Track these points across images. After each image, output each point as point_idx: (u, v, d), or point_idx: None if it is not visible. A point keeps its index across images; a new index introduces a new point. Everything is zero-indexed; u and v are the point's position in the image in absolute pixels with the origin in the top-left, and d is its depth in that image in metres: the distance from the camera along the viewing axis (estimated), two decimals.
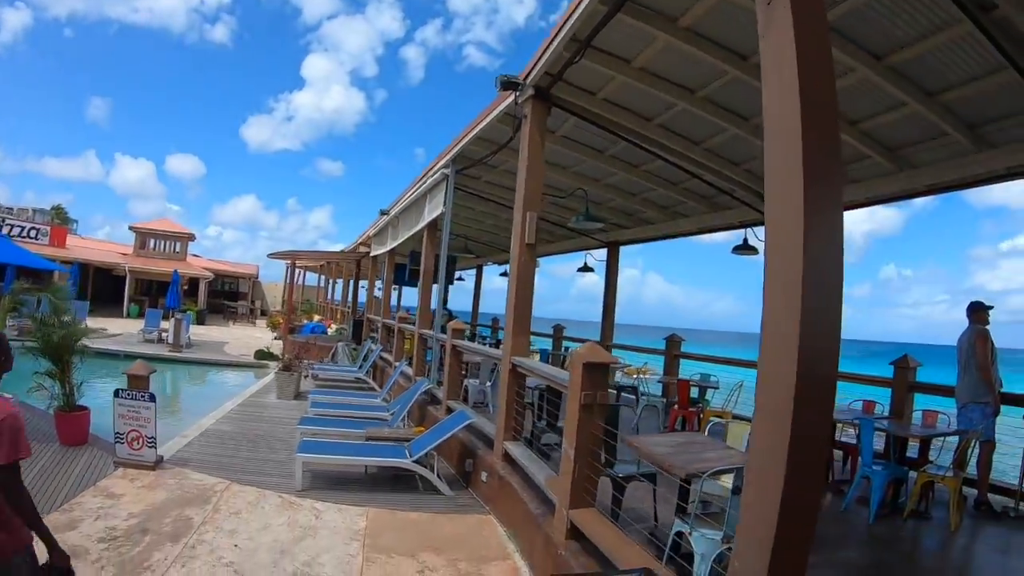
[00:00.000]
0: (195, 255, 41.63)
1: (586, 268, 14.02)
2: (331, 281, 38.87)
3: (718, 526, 3.47)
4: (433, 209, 10.43)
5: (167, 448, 7.56)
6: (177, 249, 35.91)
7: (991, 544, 5.75)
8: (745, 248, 8.95)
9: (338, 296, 36.79)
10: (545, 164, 9.76)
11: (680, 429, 8.44)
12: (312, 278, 40.56)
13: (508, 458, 6.28)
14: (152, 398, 6.90)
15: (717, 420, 6.30)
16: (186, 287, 37.06)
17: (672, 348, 11.16)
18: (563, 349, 15.63)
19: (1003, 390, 6.42)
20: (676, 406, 8.85)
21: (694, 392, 9.12)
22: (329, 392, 12.02)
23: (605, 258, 13.63)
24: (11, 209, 44.69)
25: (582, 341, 13.22)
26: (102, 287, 33.62)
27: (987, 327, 6.47)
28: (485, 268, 22.43)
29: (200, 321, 31.26)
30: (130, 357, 19.45)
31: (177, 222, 40.01)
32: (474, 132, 8.12)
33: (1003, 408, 6.31)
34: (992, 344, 6.35)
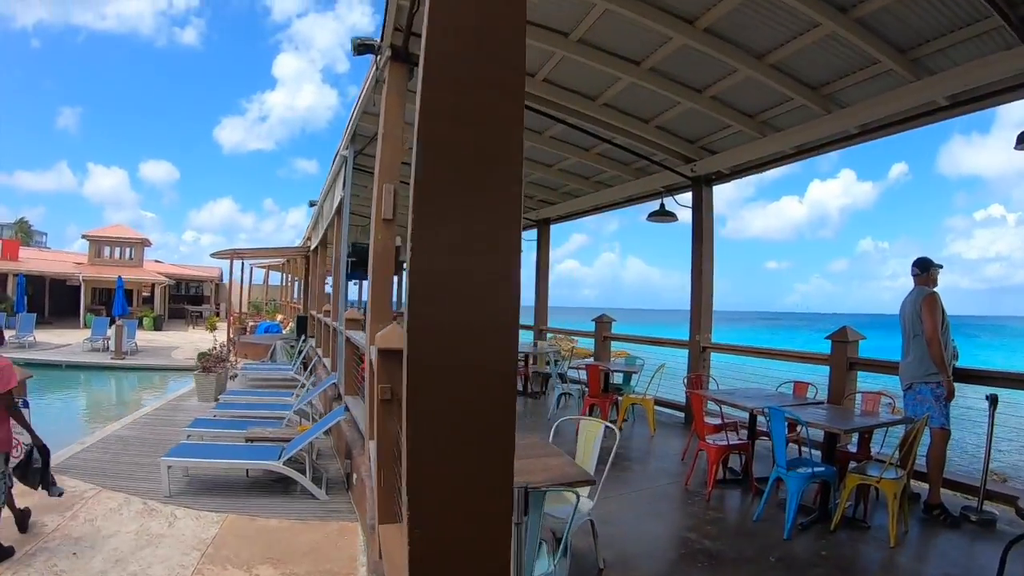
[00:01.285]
0: (156, 260, 40.90)
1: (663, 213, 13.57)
2: (295, 280, 38.23)
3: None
4: (337, 195, 9.92)
5: (58, 455, 7.16)
6: (132, 256, 35.04)
7: (942, 561, 4.31)
8: (663, 214, 8.43)
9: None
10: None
11: (589, 415, 7.95)
12: (277, 277, 39.84)
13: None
14: (26, 404, 6.42)
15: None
16: (147, 293, 36.64)
17: (601, 330, 10.31)
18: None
19: (959, 364, 5.25)
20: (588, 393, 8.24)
21: (618, 378, 8.59)
22: (247, 392, 11.58)
23: (535, 238, 13.14)
24: None
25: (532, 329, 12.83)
26: (60, 298, 33.01)
27: (935, 289, 5.19)
28: None
29: (157, 327, 30.75)
30: (72, 367, 19.32)
31: (132, 228, 38.69)
32: (359, 107, 7.57)
33: (961, 387, 5.09)
34: (943, 309, 5.07)
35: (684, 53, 5.96)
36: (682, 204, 8.68)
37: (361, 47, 5.96)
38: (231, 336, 20.44)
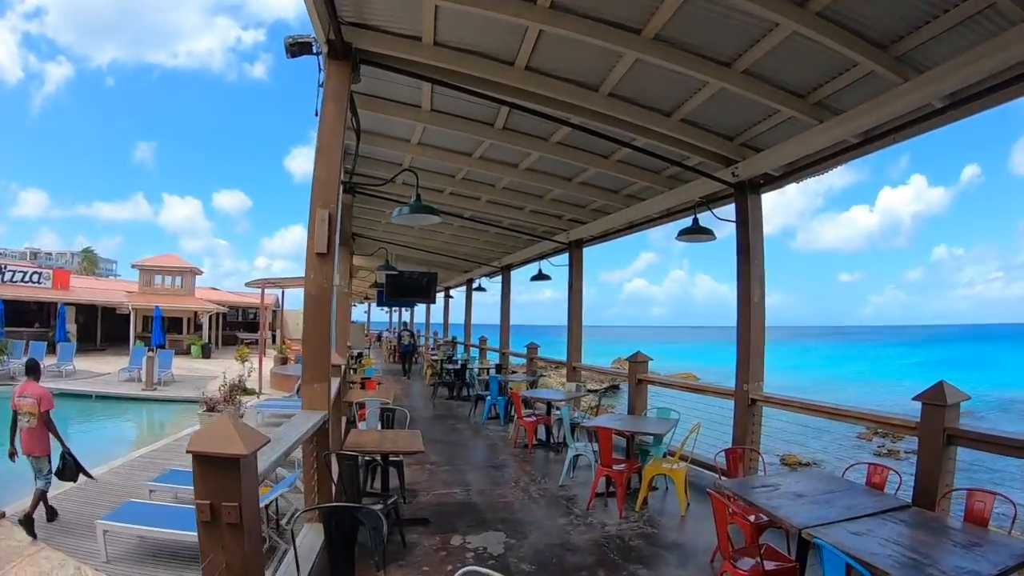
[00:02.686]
0: (213, 288, 41.21)
1: (541, 276, 12.04)
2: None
3: None
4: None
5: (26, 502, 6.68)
6: (182, 284, 35.16)
7: None
8: (696, 232, 6.59)
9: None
10: (439, 150, 8.12)
11: (603, 495, 6.42)
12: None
13: None
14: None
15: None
16: (202, 320, 36.74)
17: (635, 372, 8.54)
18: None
19: None
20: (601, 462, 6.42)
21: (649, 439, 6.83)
22: None
23: (568, 262, 11.59)
24: (37, 253, 45.24)
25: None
26: (112, 327, 33.43)
27: None
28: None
29: (205, 355, 30.56)
30: (101, 398, 18.96)
31: (182, 257, 39.15)
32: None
33: None
34: None
35: (699, 8, 4.37)
36: (722, 218, 7.03)
37: (294, 47, 4.86)
38: (260, 367, 19.68)
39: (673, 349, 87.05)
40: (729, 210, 6.93)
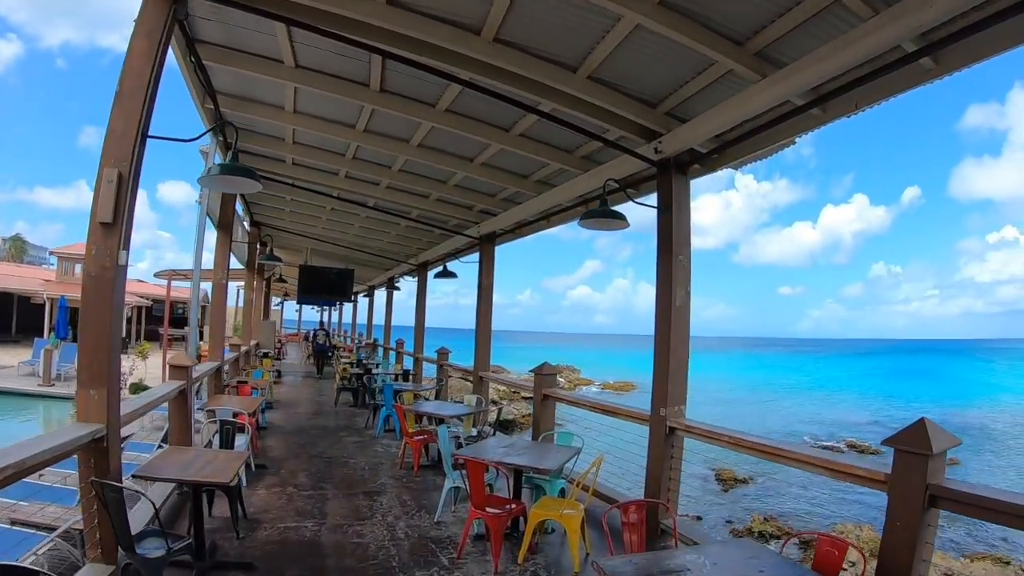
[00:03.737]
0: (140, 280, 38.65)
1: (445, 273, 10.60)
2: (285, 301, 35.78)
3: None
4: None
5: None
6: None
7: None
8: (604, 216, 5.01)
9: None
10: (318, 120, 6.75)
11: (483, 537, 5.01)
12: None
13: None
14: None
15: None
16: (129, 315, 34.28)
17: (540, 385, 7.14)
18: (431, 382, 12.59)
19: None
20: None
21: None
22: None
23: (478, 259, 10.17)
24: None
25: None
26: (30, 317, 31.11)
27: None
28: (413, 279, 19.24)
29: (123, 350, 28.38)
30: None
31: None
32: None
33: None
34: None
35: None
36: (643, 203, 5.76)
37: None
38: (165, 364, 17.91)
39: (615, 356, 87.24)
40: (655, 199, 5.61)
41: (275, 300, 27.79)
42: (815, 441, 24.80)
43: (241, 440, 6.26)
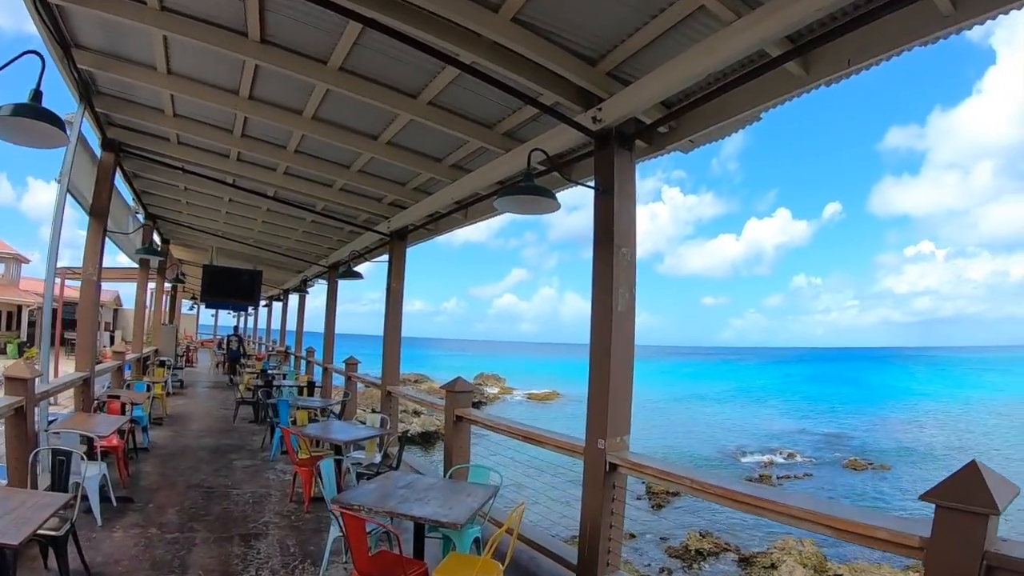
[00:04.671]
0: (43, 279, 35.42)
1: (350, 273, 9.15)
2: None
3: None
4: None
5: None
6: (1, 274, 29.71)
7: None
8: (528, 192, 3.78)
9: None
10: (195, 84, 5.50)
11: None
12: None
13: None
14: None
15: None
16: (34, 319, 31.23)
17: (452, 405, 5.99)
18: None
19: None
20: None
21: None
22: None
23: (388, 258, 8.86)
24: None
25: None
26: None
27: None
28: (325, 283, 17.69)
29: (23, 354, 25.76)
30: None
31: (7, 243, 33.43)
32: None
33: None
34: None
35: None
36: (580, 181, 4.73)
37: None
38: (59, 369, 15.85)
39: (540, 365, 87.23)
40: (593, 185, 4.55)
41: (187, 304, 25.59)
42: (741, 451, 24.39)
43: (93, 471, 4.93)
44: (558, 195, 4.08)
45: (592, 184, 4.32)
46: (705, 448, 24.72)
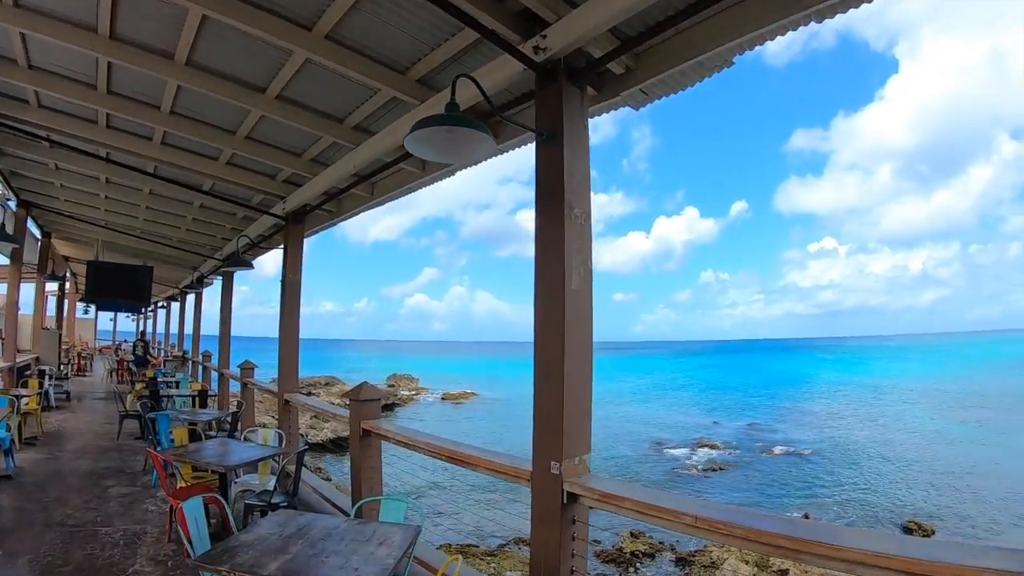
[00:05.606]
0: None
1: (239, 263, 7.75)
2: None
3: None
4: None
5: None
6: None
7: None
8: (454, 125, 2.65)
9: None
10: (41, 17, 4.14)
11: None
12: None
13: None
14: None
15: None
16: None
17: (357, 415, 4.80)
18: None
19: None
20: None
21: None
22: None
23: (284, 243, 7.48)
24: None
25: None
26: None
27: None
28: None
29: None
30: None
31: None
32: None
33: None
34: None
35: None
36: (519, 124, 3.80)
37: None
38: None
39: (453, 364, 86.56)
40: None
41: (82, 308, 23.08)
42: (660, 445, 24.04)
43: None
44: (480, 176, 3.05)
45: (532, 128, 3.31)
46: (623, 445, 24.21)
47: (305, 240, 7.50)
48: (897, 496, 16.01)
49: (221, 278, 11.60)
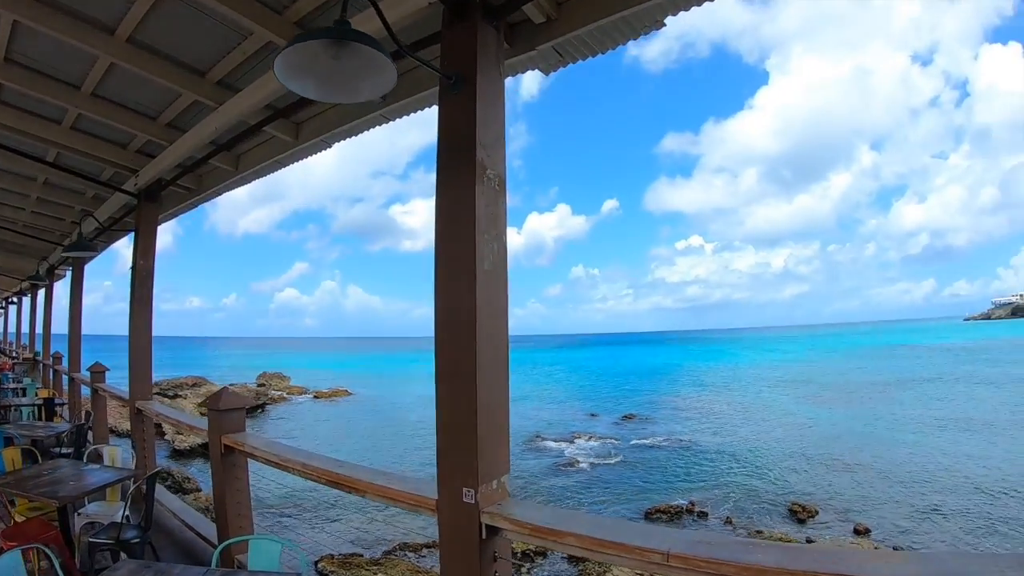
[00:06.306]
0: None
1: (81, 246, 6.58)
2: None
3: None
4: None
5: None
6: None
7: None
8: (339, 39, 2.16)
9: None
10: None
11: None
12: None
13: None
14: None
15: None
16: None
17: (218, 428, 3.92)
18: None
19: None
20: None
21: None
22: None
23: (135, 226, 6.35)
24: None
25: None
26: None
27: None
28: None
29: None
30: None
31: None
32: None
33: None
34: None
35: None
36: (421, 61, 3.28)
37: None
38: None
39: (324, 361, 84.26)
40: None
41: None
42: (540, 438, 23.75)
43: None
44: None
45: (444, 74, 2.65)
46: (514, 439, 23.86)
47: (173, 229, 6.41)
48: (777, 479, 16.58)
49: (71, 266, 9.98)
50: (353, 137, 4.71)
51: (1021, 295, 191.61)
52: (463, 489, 2.32)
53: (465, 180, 2.46)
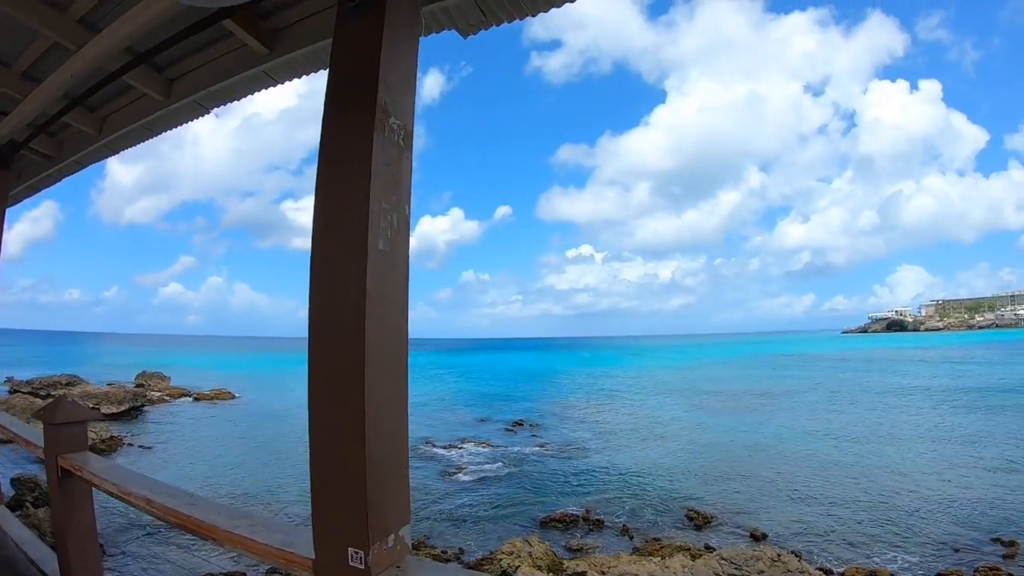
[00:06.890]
0: None
1: None
2: None
3: None
4: None
5: None
6: None
7: None
8: None
9: None
10: None
11: None
12: None
13: None
14: None
15: None
16: None
17: (54, 445, 3.03)
18: None
19: None
20: None
21: None
22: None
23: None
24: None
25: None
26: None
27: None
28: None
29: None
30: None
31: None
32: None
33: None
34: None
35: None
36: None
37: None
38: None
39: (207, 360, 79.99)
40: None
41: None
42: (429, 443, 22.98)
43: None
44: None
45: None
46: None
47: (54, 214, 5.27)
48: (670, 485, 16.55)
49: None
50: (235, 101, 3.91)
51: (895, 311, 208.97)
52: (349, 550, 1.67)
53: (360, 128, 1.82)
